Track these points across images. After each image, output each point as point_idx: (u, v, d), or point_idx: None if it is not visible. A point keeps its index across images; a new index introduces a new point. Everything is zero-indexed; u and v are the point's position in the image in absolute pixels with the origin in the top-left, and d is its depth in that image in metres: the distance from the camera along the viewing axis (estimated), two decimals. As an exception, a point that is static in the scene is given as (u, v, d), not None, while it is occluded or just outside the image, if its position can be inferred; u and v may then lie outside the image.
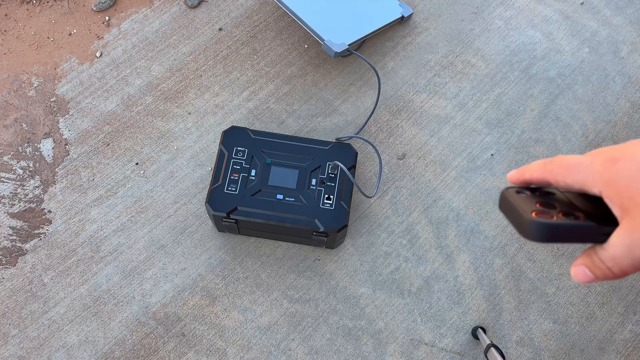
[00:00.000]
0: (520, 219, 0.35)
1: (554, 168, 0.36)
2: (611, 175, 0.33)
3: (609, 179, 0.33)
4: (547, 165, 0.37)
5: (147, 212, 0.97)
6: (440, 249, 0.97)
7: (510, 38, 1.15)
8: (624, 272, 0.33)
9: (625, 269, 0.33)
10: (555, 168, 0.36)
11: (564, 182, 0.36)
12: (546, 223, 0.34)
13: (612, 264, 0.33)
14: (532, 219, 0.34)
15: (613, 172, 0.33)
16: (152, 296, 0.92)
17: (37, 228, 0.96)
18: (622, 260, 0.33)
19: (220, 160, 0.89)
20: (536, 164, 0.38)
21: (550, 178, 0.37)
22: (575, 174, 0.35)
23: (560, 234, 0.34)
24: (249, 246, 0.96)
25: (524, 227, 0.35)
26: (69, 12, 1.12)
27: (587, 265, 0.35)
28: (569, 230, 0.34)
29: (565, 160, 0.36)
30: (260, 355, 0.90)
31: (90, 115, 1.04)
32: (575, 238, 0.34)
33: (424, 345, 0.92)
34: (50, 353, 0.88)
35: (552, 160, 0.37)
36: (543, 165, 0.37)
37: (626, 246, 0.32)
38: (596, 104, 1.10)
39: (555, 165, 0.36)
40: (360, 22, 1.04)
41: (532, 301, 0.95)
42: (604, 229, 0.34)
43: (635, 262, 0.32)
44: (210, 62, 1.09)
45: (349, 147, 0.92)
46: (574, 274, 0.36)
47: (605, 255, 0.33)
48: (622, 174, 0.32)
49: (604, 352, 0.93)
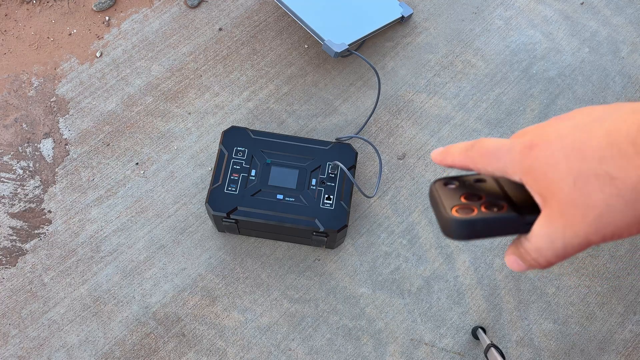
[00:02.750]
0: (441, 217, 0.34)
1: (474, 155, 0.34)
2: (529, 162, 0.31)
3: (527, 167, 0.31)
4: (468, 151, 0.35)
5: (147, 212, 0.97)
6: (440, 249, 0.97)
7: (510, 38, 1.15)
8: (550, 263, 0.32)
9: (550, 259, 0.32)
10: (475, 155, 0.34)
11: (485, 169, 0.34)
12: (464, 220, 0.32)
13: (536, 255, 0.32)
14: (450, 217, 0.33)
15: (530, 159, 0.31)
16: (152, 296, 0.92)
17: (37, 228, 0.96)
18: (545, 251, 0.31)
19: (220, 160, 0.89)
20: (458, 148, 0.36)
21: (471, 165, 0.35)
22: (495, 161, 0.33)
23: (480, 229, 0.33)
24: (249, 246, 0.96)
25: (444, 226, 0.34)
26: (69, 12, 1.12)
27: (517, 255, 0.34)
28: (490, 224, 0.33)
29: (485, 146, 0.34)
30: (260, 355, 0.90)
31: (90, 115, 1.04)
32: (498, 232, 0.33)
33: (424, 345, 0.92)
34: (50, 353, 0.88)
35: (473, 145, 0.35)
36: (465, 150, 0.35)
37: (547, 236, 0.31)
38: (596, 104, 1.10)
39: (475, 152, 0.34)
40: (360, 22, 1.04)
41: (532, 301, 0.95)
42: (526, 219, 0.32)
43: (558, 253, 0.31)
44: (210, 62, 1.09)
45: (349, 147, 0.92)
46: (507, 263, 0.35)
47: (529, 246, 0.32)
48: (539, 161, 0.30)
49: (604, 352, 0.93)
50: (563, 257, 0.31)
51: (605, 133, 0.28)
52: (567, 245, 0.30)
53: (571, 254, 0.31)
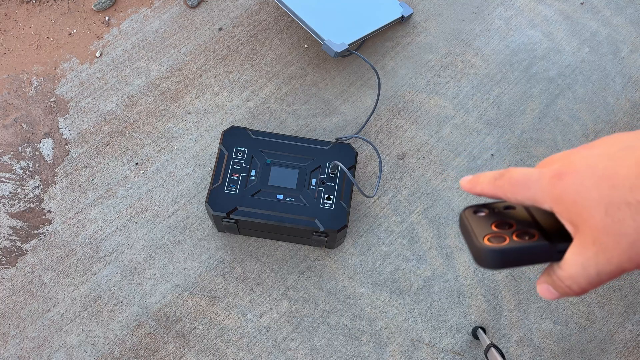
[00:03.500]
0: (473, 246, 0.34)
1: (504, 184, 0.35)
2: (558, 191, 0.31)
3: (556, 196, 0.31)
4: (497, 180, 0.35)
5: (147, 212, 0.97)
6: (441, 249, 0.97)
7: (510, 38, 1.15)
8: (583, 290, 0.32)
9: (583, 286, 0.32)
10: (505, 184, 0.35)
11: (515, 199, 0.34)
12: (497, 249, 0.33)
13: (570, 282, 0.32)
14: (483, 247, 0.33)
15: (560, 188, 0.31)
16: (152, 296, 0.92)
17: (37, 228, 0.95)
18: (578, 278, 0.31)
19: (220, 160, 0.89)
20: (487, 177, 0.37)
21: (501, 194, 0.35)
22: (525, 190, 0.33)
23: (514, 258, 0.33)
24: (249, 246, 0.96)
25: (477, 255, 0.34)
26: (69, 12, 1.12)
27: (549, 284, 0.34)
28: (522, 253, 0.33)
29: (514, 176, 0.34)
30: (260, 355, 0.90)
31: (90, 115, 1.04)
32: (530, 260, 0.33)
33: (424, 345, 0.92)
34: (50, 353, 0.88)
35: (502, 175, 0.35)
36: (493, 180, 0.36)
37: (580, 264, 0.31)
38: (596, 103, 1.10)
39: (504, 181, 0.35)
40: (360, 22, 1.04)
41: (532, 301, 0.95)
42: (558, 247, 0.32)
43: (591, 280, 0.31)
44: (210, 62, 1.09)
45: (349, 147, 0.92)
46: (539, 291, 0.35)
47: (562, 274, 0.32)
48: (569, 190, 0.31)
49: (604, 352, 0.93)
50: (597, 284, 0.31)
51: (635, 162, 0.29)
52: (601, 273, 0.30)
53: (605, 281, 0.31)
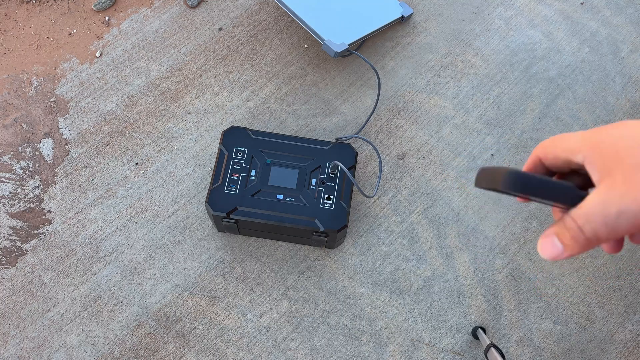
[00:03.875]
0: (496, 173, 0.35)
1: (546, 142, 0.38)
2: (597, 138, 0.33)
3: (594, 142, 0.33)
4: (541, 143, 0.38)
5: (147, 212, 0.97)
6: (440, 249, 0.97)
7: (510, 38, 1.15)
8: (596, 234, 0.32)
9: (596, 228, 0.32)
10: (546, 141, 0.38)
11: (553, 152, 0.37)
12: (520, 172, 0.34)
13: (583, 221, 0.32)
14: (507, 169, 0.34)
15: (600, 135, 0.33)
16: (152, 296, 0.92)
17: (36, 228, 0.95)
18: (595, 217, 0.31)
19: (220, 160, 0.89)
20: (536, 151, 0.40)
21: (541, 153, 0.38)
22: (564, 142, 0.36)
23: (533, 186, 0.34)
24: (249, 246, 0.96)
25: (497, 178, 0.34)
26: (69, 12, 1.12)
27: (557, 233, 0.34)
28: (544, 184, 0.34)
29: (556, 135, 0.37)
30: (260, 355, 0.90)
31: (90, 115, 1.04)
32: (550, 195, 0.34)
33: (424, 345, 0.92)
34: (50, 353, 0.88)
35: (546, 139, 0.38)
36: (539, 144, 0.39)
37: (601, 202, 0.31)
38: (596, 103, 1.10)
39: (547, 140, 0.38)
40: (360, 22, 1.04)
41: (532, 301, 0.95)
42: (580, 193, 0.33)
43: (608, 221, 0.31)
44: (210, 62, 1.09)
45: (349, 147, 0.92)
46: (540, 247, 0.35)
47: (578, 212, 0.32)
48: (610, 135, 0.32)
49: (604, 352, 0.93)
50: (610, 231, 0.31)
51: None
52: (621, 213, 0.30)
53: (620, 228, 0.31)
